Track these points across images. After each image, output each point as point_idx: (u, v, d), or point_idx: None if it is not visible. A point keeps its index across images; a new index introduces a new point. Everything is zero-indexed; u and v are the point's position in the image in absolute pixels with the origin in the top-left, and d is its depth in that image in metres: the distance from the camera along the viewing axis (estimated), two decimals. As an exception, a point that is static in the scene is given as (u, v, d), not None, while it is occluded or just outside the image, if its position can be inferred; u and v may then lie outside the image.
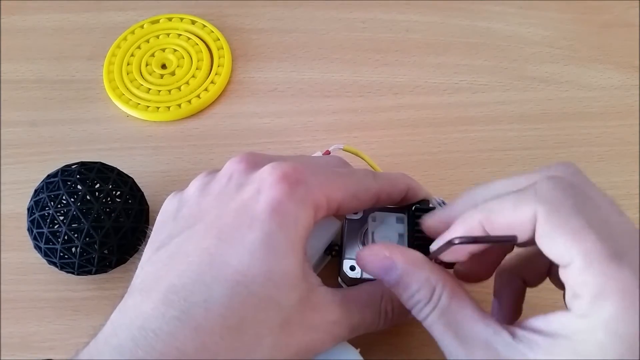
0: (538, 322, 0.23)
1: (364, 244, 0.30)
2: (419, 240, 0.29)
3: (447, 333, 0.24)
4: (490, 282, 0.30)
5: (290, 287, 0.24)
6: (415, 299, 0.25)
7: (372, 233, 0.30)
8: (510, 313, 0.29)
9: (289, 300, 0.24)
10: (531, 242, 0.23)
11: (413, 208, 0.30)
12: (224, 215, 0.25)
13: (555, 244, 0.22)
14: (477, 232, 0.24)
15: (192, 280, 0.23)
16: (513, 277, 0.29)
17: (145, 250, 0.27)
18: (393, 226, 0.30)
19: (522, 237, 0.23)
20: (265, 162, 0.27)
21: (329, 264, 0.34)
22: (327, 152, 0.36)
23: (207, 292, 0.23)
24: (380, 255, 0.26)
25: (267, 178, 0.25)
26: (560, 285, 0.27)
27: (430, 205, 0.30)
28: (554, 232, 0.22)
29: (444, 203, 0.33)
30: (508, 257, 0.28)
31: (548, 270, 0.28)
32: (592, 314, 0.21)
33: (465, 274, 0.28)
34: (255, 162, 0.27)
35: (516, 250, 0.28)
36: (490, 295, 0.30)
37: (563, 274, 0.22)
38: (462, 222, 0.25)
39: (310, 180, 0.26)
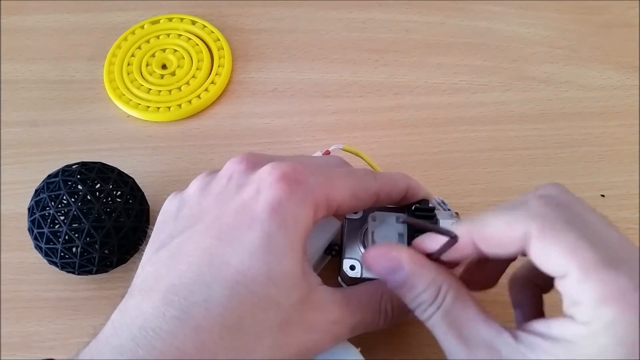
0: (539, 325, 0.23)
1: (363, 243, 0.30)
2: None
3: (449, 333, 0.24)
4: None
5: (290, 287, 0.24)
6: (420, 299, 0.25)
7: (372, 233, 0.30)
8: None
9: (288, 300, 0.24)
10: (516, 255, 0.24)
11: (413, 208, 0.30)
12: (224, 215, 0.25)
13: (550, 258, 0.22)
14: (466, 242, 0.25)
15: (192, 280, 0.23)
16: (526, 285, 0.29)
17: (145, 250, 0.27)
18: (393, 226, 0.30)
19: (510, 250, 0.24)
20: (265, 162, 0.27)
21: (328, 264, 0.34)
22: (327, 152, 0.36)
23: (207, 292, 0.23)
24: (387, 256, 0.26)
25: (266, 178, 0.25)
26: None
27: (430, 205, 0.30)
28: (548, 246, 0.22)
29: (444, 203, 0.33)
30: (518, 265, 0.28)
31: None
32: (593, 320, 0.21)
33: (468, 282, 0.28)
34: (255, 162, 0.27)
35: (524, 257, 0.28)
36: (491, 296, 0.30)
37: (560, 285, 0.23)
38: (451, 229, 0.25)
39: (310, 180, 0.26)
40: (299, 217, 0.25)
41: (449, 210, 0.32)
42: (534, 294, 0.29)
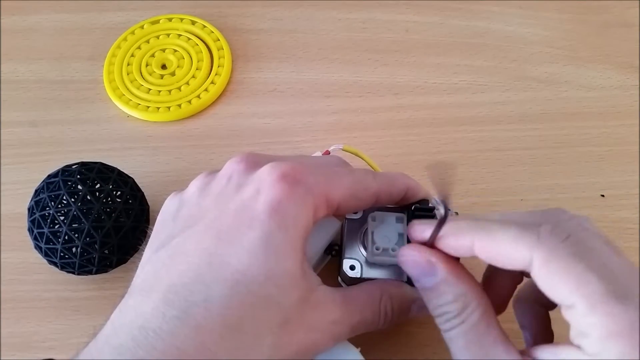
0: (548, 353, 0.23)
1: (363, 243, 0.30)
2: None
3: (468, 350, 0.24)
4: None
5: (290, 287, 0.24)
6: (445, 308, 0.25)
7: (372, 233, 0.30)
8: (542, 340, 0.29)
9: (289, 300, 0.24)
10: (516, 272, 0.24)
11: (412, 208, 0.30)
12: (223, 215, 0.25)
13: (556, 288, 0.22)
14: (465, 244, 0.25)
15: (192, 280, 0.23)
16: (531, 305, 0.29)
17: (145, 250, 0.27)
18: (393, 226, 0.30)
19: (511, 267, 0.24)
20: (264, 162, 0.27)
21: (328, 264, 0.34)
22: (327, 152, 0.36)
23: (206, 292, 0.23)
24: (424, 258, 0.25)
25: (266, 178, 0.25)
26: None
27: (430, 205, 0.30)
28: (554, 277, 0.22)
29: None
30: (521, 286, 0.28)
31: None
32: (601, 352, 0.21)
33: None
34: (255, 162, 0.27)
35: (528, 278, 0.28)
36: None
37: (567, 314, 0.22)
38: (453, 226, 0.25)
39: (310, 180, 0.26)
40: (299, 217, 0.25)
41: (449, 210, 0.32)
42: (540, 314, 0.28)
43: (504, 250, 0.24)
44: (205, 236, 0.25)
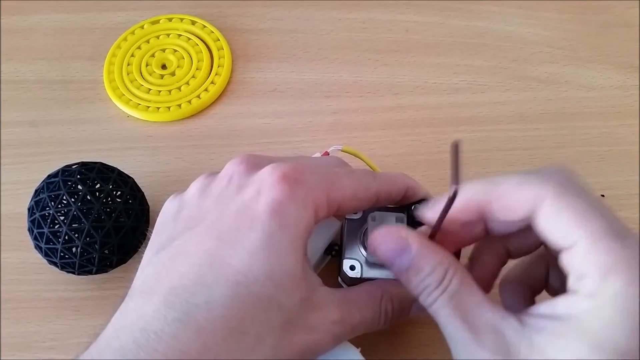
0: (544, 307, 0.23)
1: (363, 243, 0.30)
2: None
3: (454, 317, 0.23)
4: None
5: (291, 287, 0.24)
6: (425, 282, 0.24)
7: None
8: None
9: (290, 301, 0.24)
10: (521, 225, 0.24)
11: (412, 207, 0.30)
12: (224, 217, 0.25)
13: (559, 225, 0.22)
14: (470, 205, 0.25)
15: (193, 282, 0.23)
16: (517, 287, 0.29)
17: (145, 252, 0.27)
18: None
19: (517, 215, 0.24)
20: (265, 163, 0.27)
21: (328, 264, 0.34)
22: (326, 153, 0.36)
23: (208, 293, 0.23)
24: (395, 236, 0.25)
25: (267, 179, 0.25)
26: (554, 291, 0.27)
27: None
28: (560, 213, 0.22)
29: None
30: (509, 268, 0.28)
31: (546, 278, 0.28)
32: (599, 292, 0.21)
33: None
34: (255, 163, 0.27)
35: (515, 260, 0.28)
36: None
37: (566, 258, 0.22)
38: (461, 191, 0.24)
39: (310, 181, 0.26)
40: (300, 218, 0.25)
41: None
42: (525, 297, 0.28)
43: (512, 195, 0.24)
44: (205, 237, 0.25)
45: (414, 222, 0.30)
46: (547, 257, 0.27)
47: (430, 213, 0.26)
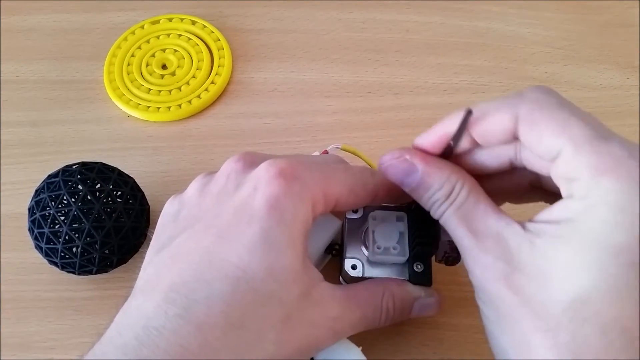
0: (544, 214, 0.23)
1: (364, 242, 0.30)
2: (420, 238, 0.29)
3: (460, 226, 0.24)
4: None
5: (291, 282, 0.24)
6: (434, 197, 0.25)
7: (373, 232, 0.30)
8: None
9: (290, 295, 0.24)
10: (508, 142, 0.25)
11: (413, 206, 0.30)
12: (222, 214, 0.25)
13: (542, 137, 0.23)
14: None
15: (193, 278, 0.23)
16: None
17: (147, 253, 0.27)
18: (393, 224, 0.30)
19: (501, 135, 0.24)
20: (261, 160, 0.27)
21: (329, 263, 0.34)
22: (325, 152, 0.36)
23: (208, 289, 0.23)
24: (401, 159, 0.26)
25: (263, 175, 0.25)
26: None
27: None
28: (540, 125, 0.23)
29: None
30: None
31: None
32: (590, 192, 0.21)
33: None
34: (252, 161, 0.27)
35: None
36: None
37: (555, 169, 0.23)
38: (448, 117, 0.25)
39: (307, 176, 0.26)
40: (298, 213, 0.25)
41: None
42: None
43: (493, 117, 0.24)
44: (205, 235, 0.25)
45: (414, 221, 0.30)
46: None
47: (430, 137, 0.26)
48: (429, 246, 0.29)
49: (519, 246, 0.23)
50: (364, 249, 0.30)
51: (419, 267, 0.30)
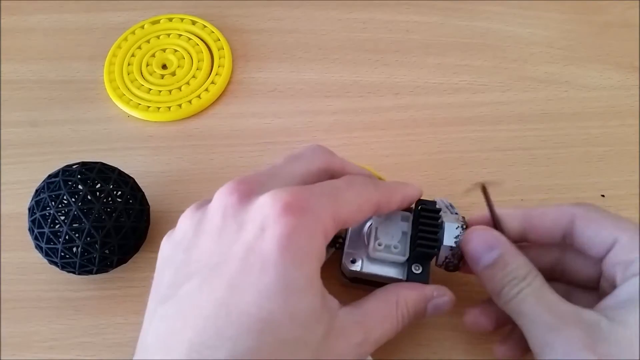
0: (607, 301, 0.27)
1: (366, 238, 0.31)
2: (422, 239, 0.29)
3: (539, 305, 0.26)
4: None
5: (315, 323, 0.23)
6: (512, 275, 0.27)
7: (376, 228, 0.30)
8: (522, 348, 0.29)
9: (315, 337, 0.23)
10: (557, 240, 0.29)
11: (420, 207, 0.30)
12: (230, 260, 0.23)
13: (600, 230, 0.28)
14: (516, 226, 0.30)
15: (212, 337, 0.22)
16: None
17: (148, 302, 0.26)
18: (398, 224, 0.30)
19: (556, 232, 0.29)
20: (257, 189, 0.25)
21: (330, 259, 0.34)
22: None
23: (231, 347, 0.22)
24: (489, 235, 0.29)
25: (269, 212, 0.23)
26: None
27: (437, 207, 0.30)
28: (598, 221, 0.28)
29: (451, 206, 0.33)
30: None
31: None
32: None
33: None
34: (247, 191, 0.25)
35: None
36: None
37: (610, 258, 0.27)
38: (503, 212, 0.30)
39: (315, 205, 0.24)
40: (311, 248, 0.24)
41: (456, 214, 0.32)
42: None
43: (551, 216, 0.29)
44: (215, 286, 0.23)
45: (418, 220, 0.30)
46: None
47: (471, 243, 0.29)
48: (431, 249, 0.29)
49: (598, 322, 0.25)
50: (366, 244, 0.30)
51: (417, 268, 0.30)
